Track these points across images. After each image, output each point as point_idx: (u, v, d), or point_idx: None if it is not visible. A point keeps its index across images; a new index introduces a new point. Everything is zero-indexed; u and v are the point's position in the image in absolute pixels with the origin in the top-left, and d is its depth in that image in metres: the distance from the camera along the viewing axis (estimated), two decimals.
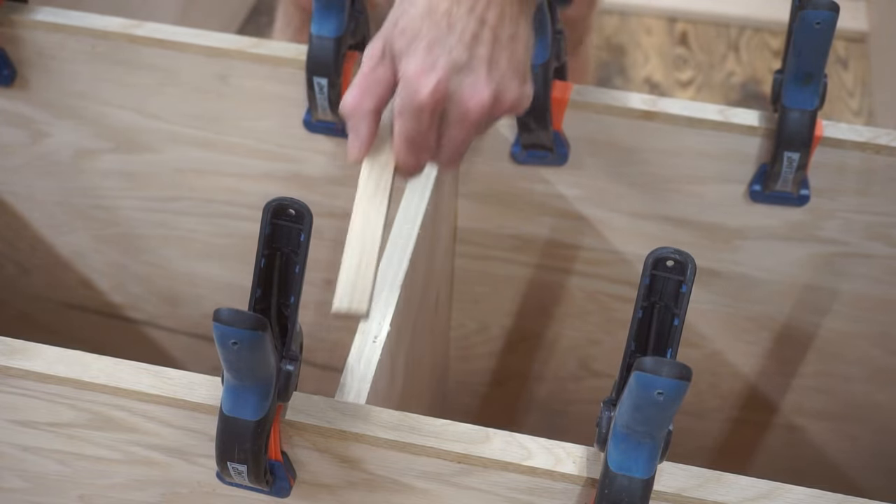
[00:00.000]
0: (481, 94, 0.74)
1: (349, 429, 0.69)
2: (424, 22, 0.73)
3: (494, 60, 0.75)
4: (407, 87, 0.74)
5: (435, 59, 0.73)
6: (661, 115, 0.95)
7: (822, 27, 0.85)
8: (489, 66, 0.75)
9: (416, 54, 0.73)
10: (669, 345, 0.66)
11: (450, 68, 0.73)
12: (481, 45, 0.74)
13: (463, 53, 0.74)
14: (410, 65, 0.73)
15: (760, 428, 1.20)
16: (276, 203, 0.68)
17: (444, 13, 0.73)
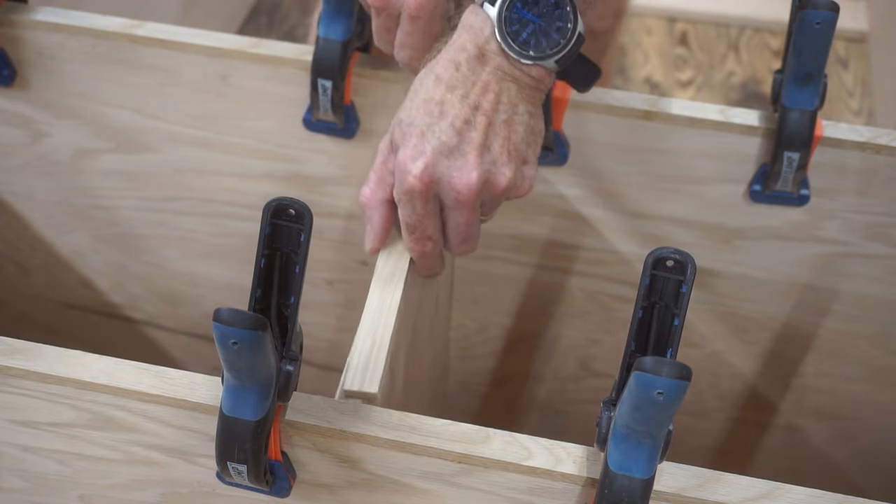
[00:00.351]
0: (469, 176, 0.75)
1: (349, 429, 0.69)
2: (420, 111, 0.76)
3: (486, 145, 0.76)
4: (398, 173, 0.77)
5: (424, 144, 0.76)
6: (661, 115, 0.95)
7: (822, 27, 0.85)
8: (480, 150, 0.76)
9: (409, 142, 0.76)
10: (669, 345, 0.66)
11: (437, 152, 0.75)
12: (473, 130, 0.76)
13: (452, 137, 0.75)
14: (403, 152, 0.76)
15: (760, 428, 1.20)
16: (276, 203, 0.68)
17: (437, 102, 0.76)
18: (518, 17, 0.74)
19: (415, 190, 0.76)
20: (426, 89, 0.76)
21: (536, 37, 0.75)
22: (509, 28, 0.74)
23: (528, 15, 0.74)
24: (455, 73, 0.75)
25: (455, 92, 0.76)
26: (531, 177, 0.79)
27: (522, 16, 0.74)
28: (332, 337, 1.20)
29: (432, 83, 0.76)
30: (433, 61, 0.78)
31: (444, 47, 0.78)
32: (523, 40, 0.75)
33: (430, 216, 0.79)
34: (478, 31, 0.75)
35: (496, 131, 0.76)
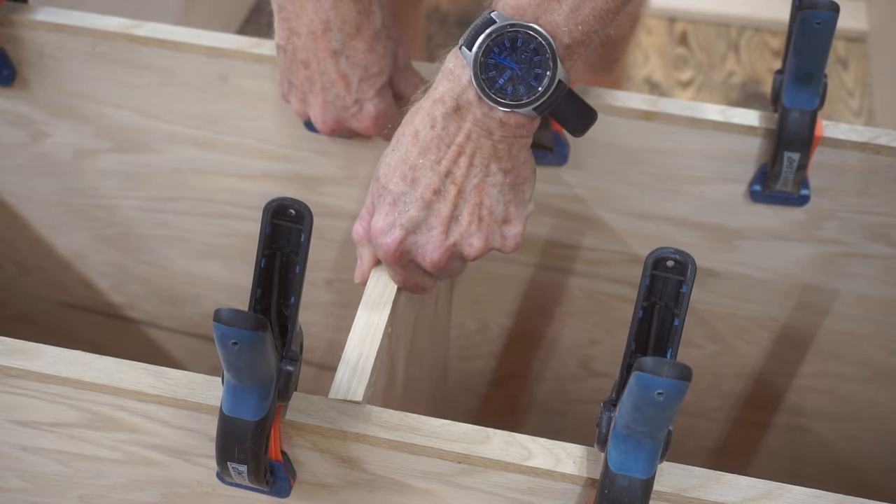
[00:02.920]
0: (434, 253, 0.77)
1: (349, 429, 0.69)
2: (395, 174, 0.76)
3: (455, 216, 0.76)
4: (374, 239, 0.78)
5: (395, 217, 0.76)
6: (661, 115, 0.95)
7: (822, 27, 0.85)
8: (446, 224, 0.76)
9: (382, 209, 0.77)
10: (669, 345, 0.66)
11: (406, 228, 0.76)
12: (441, 201, 0.75)
13: (421, 211, 0.76)
14: (377, 220, 0.77)
15: (760, 428, 1.20)
16: (276, 203, 0.68)
17: (411, 166, 0.75)
18: (495, 62, 0.71)
19: (389, 260, 0.78)
20: (405, 146, 0.75)
21: (514, 83, 0.72)
22: (485, 74, 0.71)
23: (506, 61, 0.71)
24: (430, 131, 0.74)
25: (427, 157, 0.74)
26: (515, 234, 0.78)
27: (499, 61, 0.71)
28: (332, 337, 1.20)
29: (410, 139, 0.75)
30: (416, 106, 0.76)
31: (428, 90, 0.75)
32: (500, 87, 0.72)
33: (411, 272, 0.80)
34: (456, 79, 0.73)
35: (466, 199, 0.75)
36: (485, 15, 0.72)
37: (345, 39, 0.84)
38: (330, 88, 0.86)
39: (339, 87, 0.86)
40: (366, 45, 0.84)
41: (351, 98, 0.87)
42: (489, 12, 0.72)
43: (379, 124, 0.89)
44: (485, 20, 0.71)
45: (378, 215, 0.77)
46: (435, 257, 0.77)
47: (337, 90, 0.86)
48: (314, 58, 0.85)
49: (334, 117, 0.88)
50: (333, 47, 0.84)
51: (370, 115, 0.88)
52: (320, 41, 0.84)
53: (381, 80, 0.87)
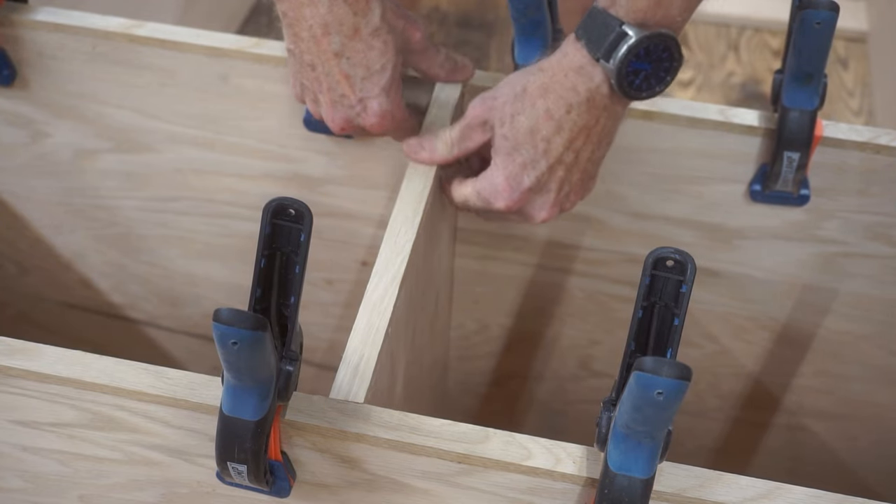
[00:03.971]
0: (544, 212, 0.88)
1: (349, 429, 0.69)
2: (527, 139, 0.84)
3: (568, 180, 0.87)
4: (491, 189, 0.87)
5: (522, 177, 0.86)
6: (661, 115, 0.95)
7: (822, 27, 0.85)
8: (560, 187, 0.87)
9: (510, 164, 0.86)
10: (669, 345, 0.66)
11: (530, 189, 0.86)
12: (562, 169, 0.86)
13: (546, 176, 0.86)
14: (501, 173, 0.86)
15: (760, 428, 1.20)
16: (276, 203, 0.68)
17: (543, 138, 0.84)
18: (633, 68, 0.80)
19: (497, 210, 0.88)
20: (535, 118, 0.83)
21: (648, 81, 0.81)
22: (626, 80, 0.80)
23: (640, 65, 0.80)
24: (565, 115, 0.82)
25: (561, 134, 0.83)
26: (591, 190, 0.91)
27: (636, 67, 0.80)
28: (332, 337, 1.20)
29: (543, 114, 0.83)
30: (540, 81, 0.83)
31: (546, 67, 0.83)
32: (636, 86, 0.81)
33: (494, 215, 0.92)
34: (588, 77, 0.81)
35: (579, 166, 0.86)
36: (616, 28, 0.79)
37: (343, 41, 0.85)
38: (335, 88, 0.87)
39: (343, 87, 0.87)
40: (364, 44, 0.85)
41: (356, 97, 0.87)
42: (619, 24, 0.79)
43: (386, 122, 0.89)
44: (618, 34, 0.79)
45: (505, 167, 0.86)
46: (544, 215, 0.88)
47: (342, 90, 0.87)
48: (318, 60, 0.86)
49: (343, 116, 0.90)
50: (334, 49, 0.85)
51: (375, 113, 0.88)
52: (321, 44, 0.85)
53: (384, 77, 0.87)
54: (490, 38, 2.11)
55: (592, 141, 0.85)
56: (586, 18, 0.81)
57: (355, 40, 0.85)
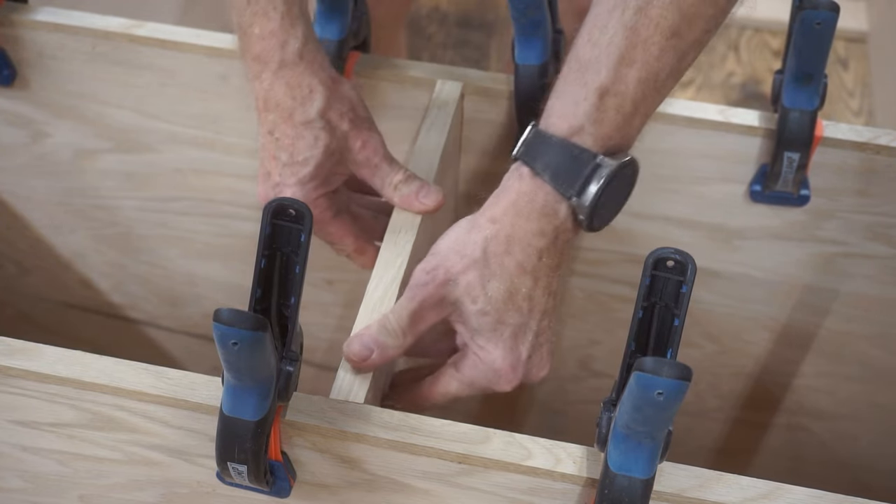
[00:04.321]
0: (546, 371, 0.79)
1: (349, 429, 0.69)
2: (509, 306, 0.75)
3: (552, 326, 0.78)
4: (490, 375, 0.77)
5: (518, 351, 0.76)
6: (661, 115, 0.95)
7: (822, 27, 0.85)
8: (549, 336, 0.78)
9: (500, 343, 0.76)
10: (669, 345, 0.66)
11: (529, 356, 0.77)
12: (547, 318, 0.77)
13: (538, 335, 0.77)
14: (496, 354, 0.76)
15: (760, 428, 1.20)
16: (277, 203, 0.68)
17: (524, 296, 0.75)
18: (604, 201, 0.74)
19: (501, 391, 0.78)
20: (509, 277, 0.74)
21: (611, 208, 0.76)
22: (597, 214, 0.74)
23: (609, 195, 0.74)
24: (538, 262, 0.75)
25: (540, 283, 0.75)
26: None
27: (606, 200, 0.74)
28: (332, 337, 1.20)
29: (515, 271, 0.74)
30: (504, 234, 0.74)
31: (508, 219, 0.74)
32: (602, 215, 0.75)
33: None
34: (553, 215, 0.74)
35: (556, 301, 0.78)
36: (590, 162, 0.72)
37: (276, 121, 0.83)
38: (264, 163, 0.85)
39: (269, 165, 0.85)
40: (294, 131, 0.82)
41: (273, 180, 0.85)
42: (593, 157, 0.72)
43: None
44: (591, 166, 0.72)
45: (498, 348, 0.76)
46: (544, 373, 0.79)
47: (268, 167, 0.85)
48: (259, 130, 0.84)
49: (263, 192, 0.86)
50: (268, 126, 0.83)
51: None
52: (261, 116, 0.83)
53: (304, 169, 0.83)
54: (490, 38, 2.11)
55: (561, 276, 0.78)
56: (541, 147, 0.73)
57: (287, 124, 0.82)
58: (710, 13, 0.71)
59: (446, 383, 0.78)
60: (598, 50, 0.71)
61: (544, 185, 0.73)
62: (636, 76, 0.71)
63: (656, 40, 0.70)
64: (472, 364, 0.77)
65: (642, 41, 0.70)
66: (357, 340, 0.75)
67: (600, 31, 0.71)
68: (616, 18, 0.70)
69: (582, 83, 0.72)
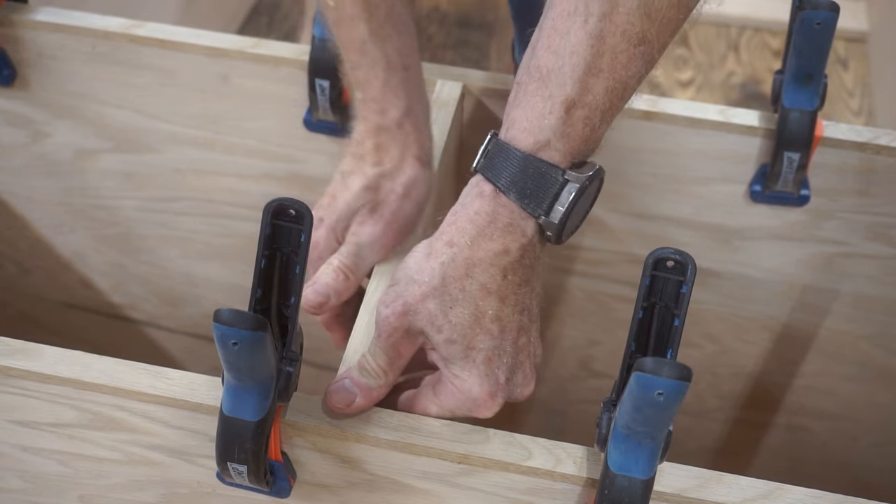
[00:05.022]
0: (530, 389, 0.74)
1: (349, 429, 0.69)
2: (476, 332, 0.70)
3: (533, 343, 0.74)
4: (469, 403, 0.72)
5: (496, 376, 0.71)
6: (661, 115, 0.95)
7: (822, 27, 0.85)
8: (529, 354, 0.73)
9: (473, 370, 0.71)
10: (670, 345, 0.66)
11: (508, 379, 0.72)
12: (525, 336, 0.73)
13: (515, 354, 0.72)
14: (470, 381, 0.71)
15: (760, 428, 1.20)
16: (277, 203, 0.68)
17: (493, 318, 0.70)
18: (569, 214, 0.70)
19: (482, 416, 0.73)
20: (474, 301, 0.70)
21: (577, 220, 0.72)
22: (568, 229, 0.71)
23: (574, 208, 0.70)
24: (503, 281, 0.70)
25: (507, 302, 0.70)
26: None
27: (572, 213, 0.70)
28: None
29: (479, 293, 0.69)
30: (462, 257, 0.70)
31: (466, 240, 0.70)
32: (569, 229, 0.71)
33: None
34: (520, 233, 0.69)
35: (533, 319, 0.73)
36: (558, 179, 0.68)
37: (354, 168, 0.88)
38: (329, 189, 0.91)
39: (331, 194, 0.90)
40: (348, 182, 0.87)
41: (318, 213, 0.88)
42: (562, 174, 0.68)
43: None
44: (559, 183, 0.68)
45: (470, 378, 0.71)
46: (529, 391, 0.74)
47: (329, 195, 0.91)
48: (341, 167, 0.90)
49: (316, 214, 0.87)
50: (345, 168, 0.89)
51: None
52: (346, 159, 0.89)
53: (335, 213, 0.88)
54: (490, 38, 2.11)
55: (535, 289, 0.72)
56: (504, 163, 0.69)
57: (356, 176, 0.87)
58: (680, 17, 0.68)
59: (425, 406, 0.74)
60: (562, 60, 0.67)
61: (509, 203, 0.69)
62: (604, 86, 0.67)
63: (623, 48, 0.67)
64: (449, 393, 0.72)
65: (609, 49, 0.67)
66: (338, 388, 0.72)
67: (561, 37, 0.68)
68: (578, 25, 0.67)
69: (546, 95, 0.68)
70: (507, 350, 0.71)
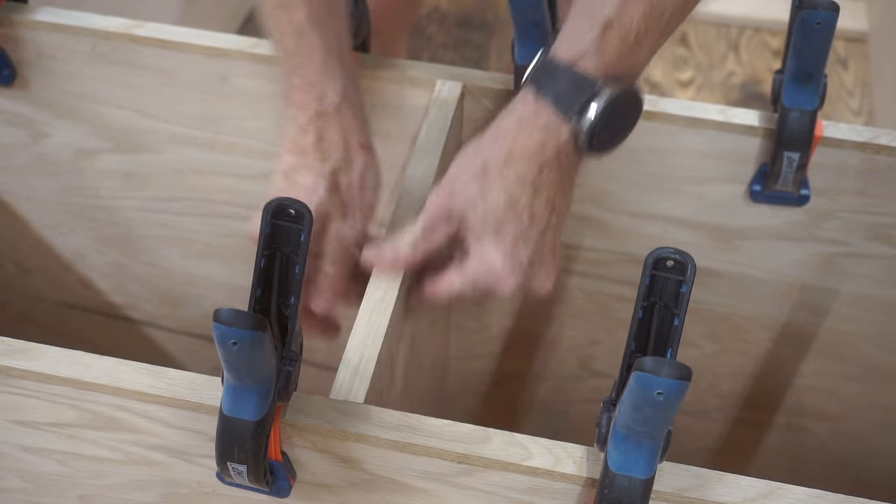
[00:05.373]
0: (550, 284, 0.82)
1: (349, 429, 0.69)
2: (508, 216, 0.78)
3: (555, 241, 0.81)
4: (490, 275, 0.80)
5: (518, 257, 0.79)
6: (661, 115, 0.95)
7: (822, 27, 0.85)
8: (553, 250, 0.81)
9: (499, 247, 0.79)
10: (669, 345, 0.66)
11: (530, 264, 0.80)
12: (550, 231, 0.80)
13: (539, 245, 0.80)
14: (496, 259, 0.79)
15: (760, 428, 1.20)
16: (276, 203, 0.68)
17: (525, 206, 0.78)
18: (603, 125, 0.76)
19: (501, 296, 0.81)
20: (509, 189, 0.78)
21: (611, 133, 0.78)
22: (596, 138, 0.77)
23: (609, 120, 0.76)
24: (538, 175, 0.77)
25: (540, 196, 0.78)
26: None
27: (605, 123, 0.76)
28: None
29: (515, 182, 0.77)
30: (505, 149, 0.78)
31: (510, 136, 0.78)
32: (602, 140, 0.78)
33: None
34: (555, 135, 0.77)
35: (561, 222, 0.81)
36: (590, 88, 0.75)
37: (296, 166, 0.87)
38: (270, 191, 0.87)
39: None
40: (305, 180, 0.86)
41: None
42: (594, 84, 0.75)
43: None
44: (592, 92, 0.75)
45: (497, 253, 0.79)
46: (550, 286, 0.81)
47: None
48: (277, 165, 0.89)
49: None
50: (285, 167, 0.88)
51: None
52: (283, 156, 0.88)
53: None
54: (490, 38, 2.11)
55: (567, 196, 0.80)
56: (546, 74, 0.77)
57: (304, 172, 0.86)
58: None
59: (450, 279, 0.82)
60: None
61: (547, 107, 0.76)
62: (641, 10, 0.74)
63: None
64: (474, 264, 0.80)
65: None
66: (374, 247, 0.82)
67: None
68: None
69: (589, 17, 0.75)
70: (533, 240, 0.79)
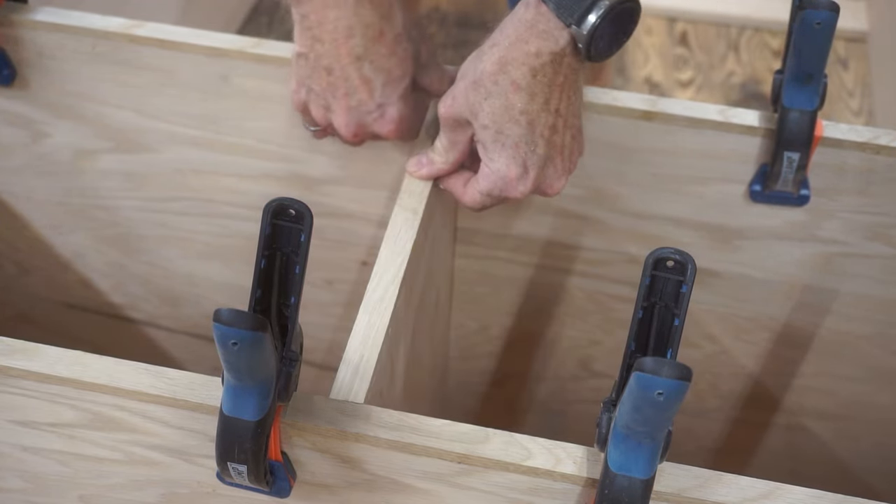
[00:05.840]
0: (561, 183, 0.86)
1: (349, 429, 0.69)
2: (506, 119, 0.81)
3: (566, 144, 0.84)
4: (501, 182, 0.84)
5: (524, 159, 0.83)
6: (661, 115, 0.95)
7: (822, 27, 0.85)
8: (561, 151, 0.84)
9: (503, 152, 0.83)
10: (669, 345, 0.66)
11: (538, 167, 0.83)
12: (557, 134, 0.83)
13: (545, 149, 0.83)
14: (501, 162, 0.83)
15: (760, 428, 1.20)
16: (277, 203, 0.68)
17: (521, 111, 0.81)
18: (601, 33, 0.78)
19: (515, 200, 0.86)
20: (504, 95, 0.80)
21: (608, 41, 0.79)
22: (594, 45, 0.78)
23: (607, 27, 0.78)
24: (532, 80, 0.80)
25: (536, 100, 0.80)
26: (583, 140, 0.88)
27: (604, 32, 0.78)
28: (332, 337, 1.20)
29: (510, 88, 0.80)
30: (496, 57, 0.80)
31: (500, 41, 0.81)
32: (600, 48, 0.79)
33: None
34: (553, 41, 0.79)
35: (569, 126, 0.83)
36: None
37: (367, 44, 0.85)
38: (353, 94, 0.87)
39: (361, 93, 0.87)
40: (388, 49, 0.86)
41: (374, 103, 0.88)
42: None
43: (401, 128, 0.90)
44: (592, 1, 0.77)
45: (500, 157, 0.83)
46: (561, 184, 0.85)
47: (360, 95, 0.87)
48: (337, 64, 0.86)
49: (357, 122, 0.89)
50: (356, 52, 0.85)
51: (393, 119, 0.89)
52: (343, 47, 0.85)
53: (403, 83, 0.88)
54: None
55: (567, 95, 0.82)
56: None
57: (379, 44, 0.85)
58: None
59: (473, 190, 0.86)
60: None
61: (547, 11, 0.78)
62: None
63: None
64: (485, 175, 0.84)
65: None
66: (414, 158, 0.89)
67: None
68: None
69: None
70: (537, 142, 0.82)
